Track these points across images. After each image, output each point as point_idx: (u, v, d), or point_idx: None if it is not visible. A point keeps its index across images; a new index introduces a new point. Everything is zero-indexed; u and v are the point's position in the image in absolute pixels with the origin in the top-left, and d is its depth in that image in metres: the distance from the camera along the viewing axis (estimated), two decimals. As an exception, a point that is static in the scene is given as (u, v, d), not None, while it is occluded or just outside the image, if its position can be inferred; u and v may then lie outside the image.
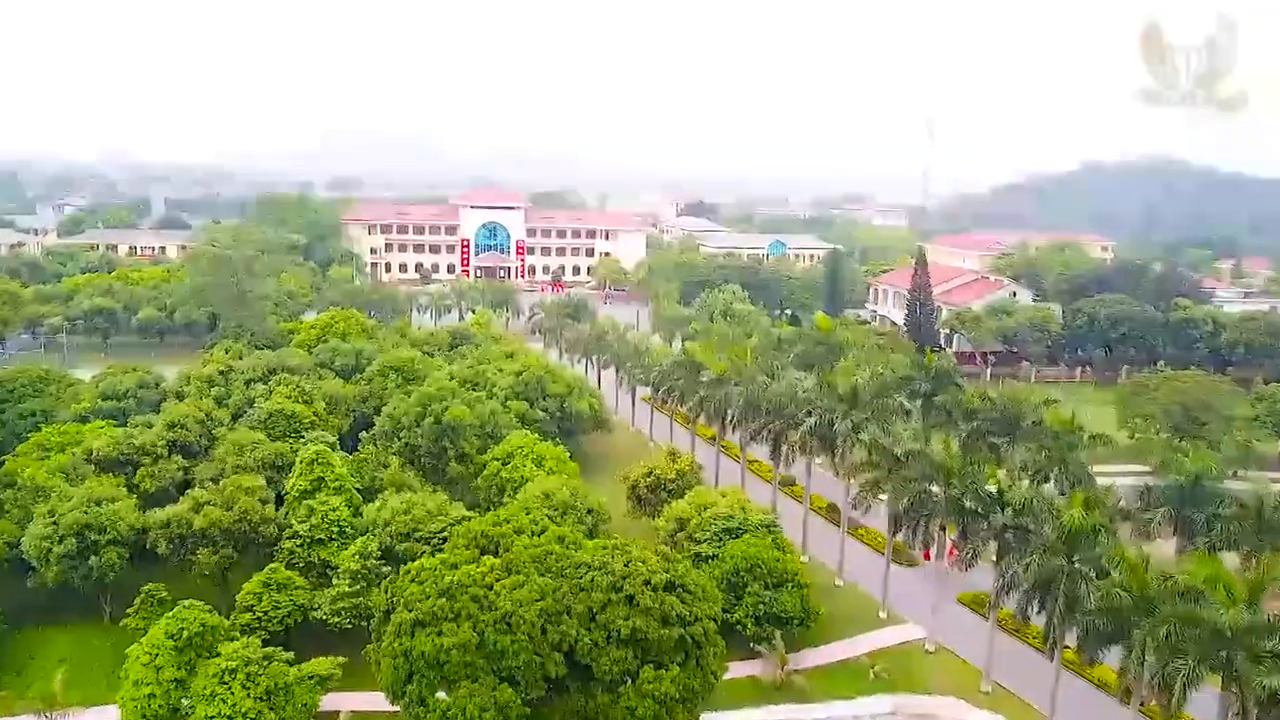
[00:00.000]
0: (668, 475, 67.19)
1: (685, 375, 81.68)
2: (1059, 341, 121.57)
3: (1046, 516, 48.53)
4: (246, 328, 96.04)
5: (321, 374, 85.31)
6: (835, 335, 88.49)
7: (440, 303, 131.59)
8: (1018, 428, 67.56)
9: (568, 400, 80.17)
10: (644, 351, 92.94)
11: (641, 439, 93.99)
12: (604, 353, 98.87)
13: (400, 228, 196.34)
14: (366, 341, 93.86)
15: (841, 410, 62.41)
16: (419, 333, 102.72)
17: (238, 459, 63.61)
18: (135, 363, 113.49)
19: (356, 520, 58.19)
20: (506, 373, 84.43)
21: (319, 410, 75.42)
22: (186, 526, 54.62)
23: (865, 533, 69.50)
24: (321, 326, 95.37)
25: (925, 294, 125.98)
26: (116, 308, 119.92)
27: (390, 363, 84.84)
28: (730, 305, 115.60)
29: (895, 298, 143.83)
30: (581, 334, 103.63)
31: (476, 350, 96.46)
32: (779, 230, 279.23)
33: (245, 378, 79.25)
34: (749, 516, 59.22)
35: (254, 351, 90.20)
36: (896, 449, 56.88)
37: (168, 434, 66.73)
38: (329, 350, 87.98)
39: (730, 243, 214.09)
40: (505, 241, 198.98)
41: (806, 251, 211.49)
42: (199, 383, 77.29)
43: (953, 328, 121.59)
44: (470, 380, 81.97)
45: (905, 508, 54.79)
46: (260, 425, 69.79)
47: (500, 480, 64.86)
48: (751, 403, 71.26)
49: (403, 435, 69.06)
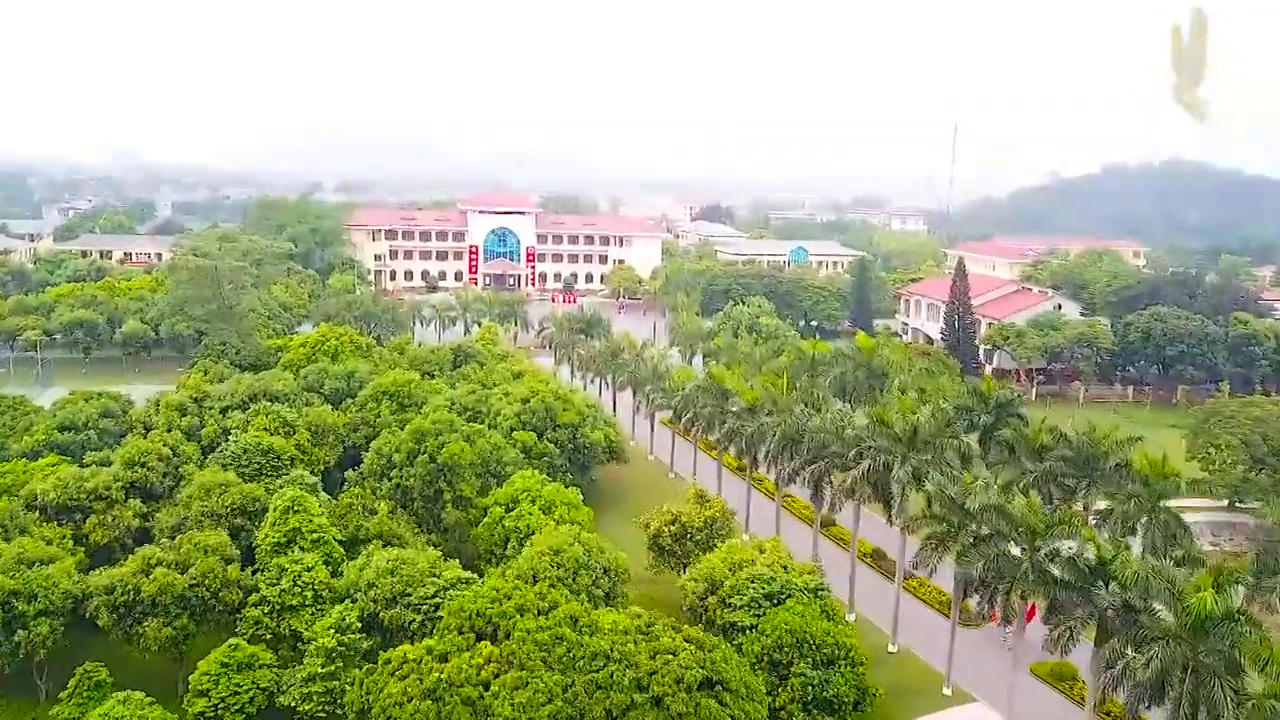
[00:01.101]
0: (695, 523, 58.76)
1: (711, 402, 73.38)
2: (1109, 359, 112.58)
3: (1164, 595, 39.91)
4: (231, 345, 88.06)
5: (309, 399, 77.27)
6: (877, 356, 79.90)
7: (445, 314, 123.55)
8: (1096, 469, 59.01)
9: (580, 430, 71.86)
10: (663, 374, 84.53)
11: (661, 469, 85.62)
12: (619, 372, 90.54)
13: (406, 233, 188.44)
14: (360, 361, 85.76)
15: (899, 453, 53.86)
16: (419, 350, 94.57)
17: (203, 504, 55.51)
18: (116, 380, 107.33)
19: (336, 581, 50.01)
20: (513, 398, 76.20)
21: (302, 443, 67.34)
22: (133, 593, 46.43)
23: (920, 585, 60.96)
24: (312, 345, 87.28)
25: (964, 307, 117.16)
26: (99, 320, 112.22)
27: (384, 387, 76.71)
28: (756, 319, 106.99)
29: (929, 309, 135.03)
30: (595, 351, 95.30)
31: (481, 370, 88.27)
32: (796, 235, 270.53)
33: (221, 405, 71.20)
34: (792, 578, 50.75)
35: (235, 373, 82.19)
36: (967, 502, 48.30)
37: (126, 474, 58.70)
38: (317, 372, 79.88)
39: (749, 249, 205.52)
40: (515, 248, 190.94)
41: (829, 259, 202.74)
42: (168, 411, 69.21)
43: (994, 344, 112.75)
44: (472, 408, 73.76)
45: (980, 574, 46.27)
46: (232, 463, 61.68)
47: (504, 530, 56.56)
48: (789, 437, 62.87)
49: (393, 475, 60.81)
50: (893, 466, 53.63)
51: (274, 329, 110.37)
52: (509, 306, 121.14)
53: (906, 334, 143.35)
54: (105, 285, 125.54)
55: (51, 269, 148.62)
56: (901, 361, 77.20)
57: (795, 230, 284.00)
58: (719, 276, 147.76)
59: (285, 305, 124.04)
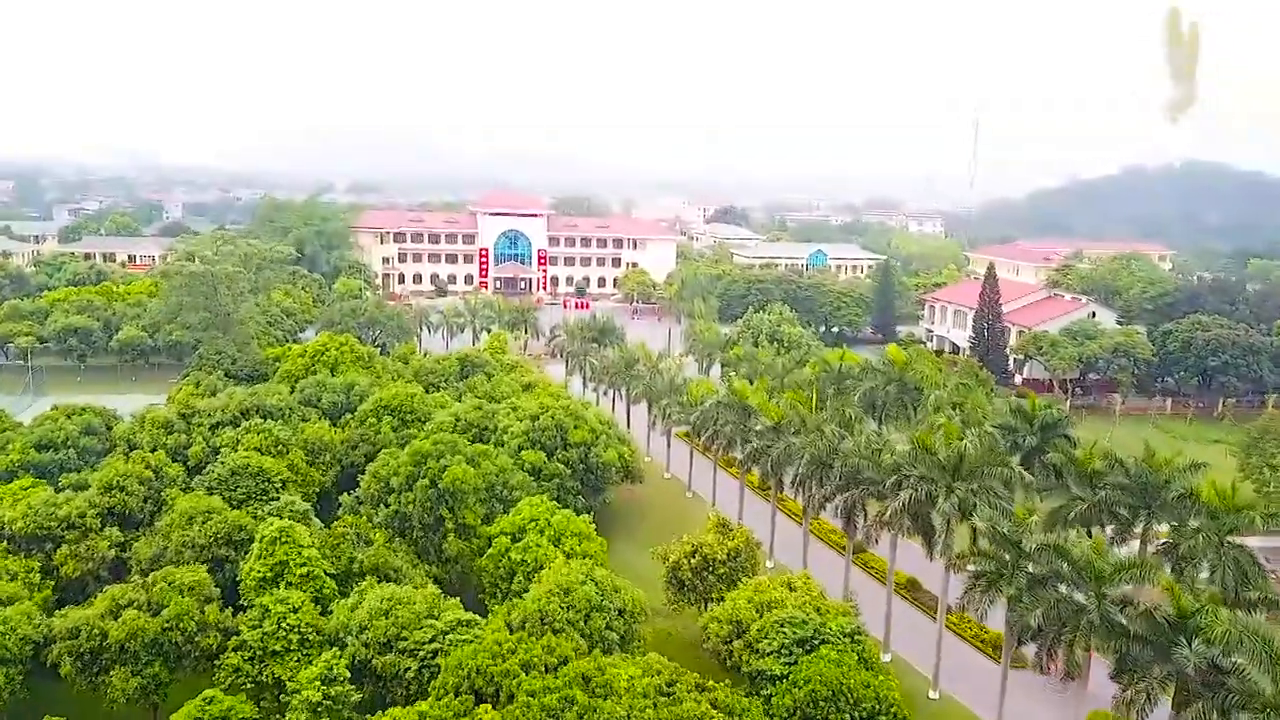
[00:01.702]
0: (717, 555, 54.05)
1: (732, 419, 68.66)
2: (1147, 369, 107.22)
3: (1259, 655, 35.03)
4: (226, 355, 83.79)
5: (305, 414, 72.90)
6: (910, 369, 74.91)
7: (453, 320, 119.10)
8: (1156, 498, 53.96)
9: (592, 449, 67.18)
10: (680, 387, 79.80)
11: (678, 487, 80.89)
12: (634, 385, 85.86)
13: (414, 236, 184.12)
14: (360, 373, 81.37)
15: (943, 483, 48.97)
16: (424, 360, 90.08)
17: (184, 534, 51.15)
18: (111, 389, 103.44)
19: (325, 622, 45.53)
20: (522, 413, 71.60)
21: (296, 463, 62.99)
22: (100, 638, 42.04)
23: (961, 620, 56.11)
24: (310, 355, 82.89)
25: (995, 314, 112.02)
26: (94, 327, 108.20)
27: (385, 401, 72.30)
28: (777, 327, 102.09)
29: (955, 316, 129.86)
30: (608, 362, 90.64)
31: (488, 383, 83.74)
32: (814, 238, 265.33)
33: (211, 421, 66.85)
34: (826, 620, 46.02)
35: (229, 386, 77.90)
36: (1022, 539, 43.43)
37: (102, 500, 54.40)
38: (315, 385, 75.48)
39: (766, 252, 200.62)
40: (526, 251, 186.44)
41: (848, 262, 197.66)
42: (153, 429, 64.90)
43: (1026, 353, 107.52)
44: (477, 424, 69.21)
45: (1039, 623, 41.42)
46: (219, 487, 57.32)
47: (509, 563, 51.98)
48: (819, 461, 58.07)
49: (391, 501, 56.29)
50: (936, 498, 48.77)
51: (275, 336, 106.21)
52: (519, 313, 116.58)
53: (931, 341, 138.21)
54: (103, 290, 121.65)
55: (51, 272, 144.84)
56: (935, 376, 72.22)
57: (812, 232, 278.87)
58: (736, 281, 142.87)
59: (288, 311, 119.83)
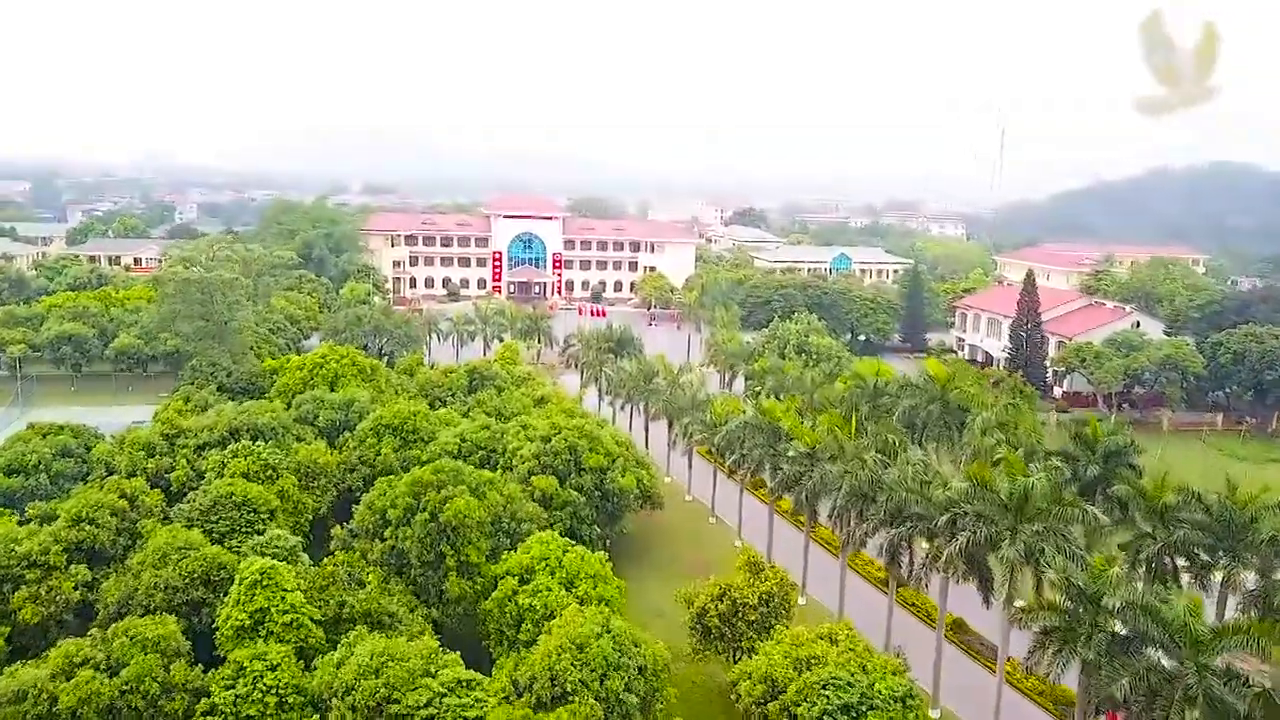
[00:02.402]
0: (748, 600, 48.60)
1: (761, 442, 63.21)
2: (1196, 382, 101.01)
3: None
4: (220, 367, 78.92)
5: (301, 432, 67.86)
6: (953, 387, 69.13)
7: (463, 328, 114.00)
8: (1240, 539, 48.20)
9: (609, 475, 61.79)
10: (703, 403, 74.32)
11: (701, 511, 75.44)
12: (653, 400, 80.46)
13: (426, 238, 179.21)
14: (361, 388, 76.29)
15: (1006, 525, 43.35)
16: (430, 373, 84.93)
17: (157, 574, 46.09)
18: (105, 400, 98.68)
19: (307, 679, 40.38)
20: (533, 431, 66.36)
21: (287, 490, 57.88)
22: (48, 704, 36.97)
23: (1017, 670, 50.39)
24: (309, 368, 77.86)
25: (1034, 323, 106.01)
26: (88, 334, 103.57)
27: (386, 420, 67.17)
28: (805, 337, 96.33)
29: (989, 324, 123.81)
30: (625, 375, 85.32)
31: (498, 397, 78.53)
32: (836, 241, 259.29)
33: (197, 442, 61.83)
34: (874, 679, 40.47)
35: (221, 401, 72.94)
36: (1104, 596, 37.79)
37: (70, 534, 49.40)
38: (312, 401, 70.42)
39: (788, 256, 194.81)
40: (541, 254, 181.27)
41: (873, 266, 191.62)
42: (133, 451, 59.96)
43: (1069, 365, 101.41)
44: (485, 446, 63.96)
45: (1126, 695, 35.80)
46: (199, 519, 52.28)
47: (517, 608, 46.67)
48: (860, 493, 52.62)
49: (387, 535, 51.06)
50: (998, 542, 43.15)
51: (276, 345, 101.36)
52: (532, 321, 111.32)
53: (962, 350, 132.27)
54: (101, 295, 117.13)
55: (52, 275, 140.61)
56: (981, 394, 66.53)
57: (833, 235, 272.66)
58: (759, 287, 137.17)
59: (292, 318, 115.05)
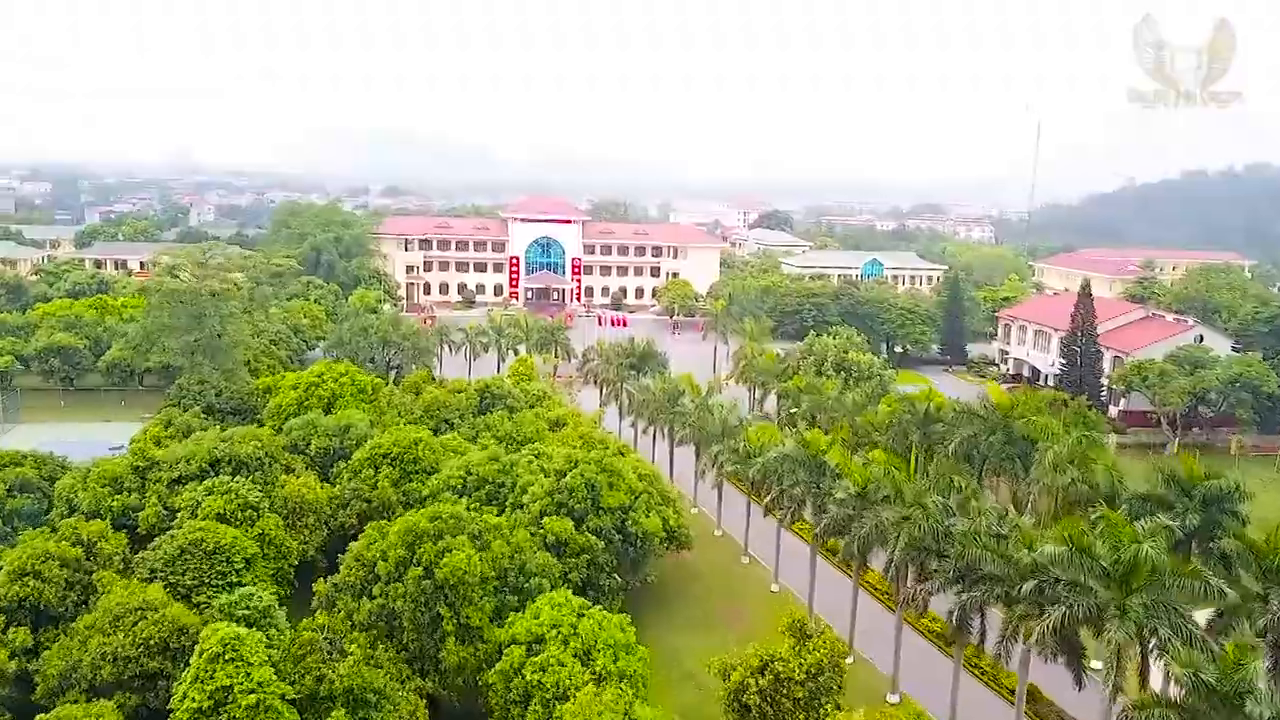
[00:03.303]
0: (794, 674, 41.44)
1: (803, 478, 56.03)
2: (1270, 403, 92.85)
3: None
4: (210, 385, 72.58)
5: (291, 462, 61.32)
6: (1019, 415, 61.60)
7: (476, 340, 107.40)
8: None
9: (631, 515, 54.79)
10: (735, 429, 67.13)
11: (733, 550, 68.19)
12: (679, 424, 73.36)
13: (441, 243, 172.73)
14: (360, 410, 69.74)
15: (1110, 599, 36.03)
16: (438, 391, 78.20)
17: (105, 642, 39.55)
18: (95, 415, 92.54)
19: (272, 781, 33.65)
20: (546, 458, 59.67)
21: (268, 531, 51.24)
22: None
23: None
24: (304, 387, 71.37)
25: (1089, 338, 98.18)
26: (80, 346, 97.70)
27: (385, 448, 60.55)
28: (844, 353, 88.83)
29: (1036, 337, 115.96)
30: (649, 394, 78.41)
31: (510, 421, 71.75)
32: (861, 245, 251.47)
33: (172, 475, 55.33)
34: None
35: (207, 425, 66.47)
36: (1247, 703, 30.49)
37: (12, 589, 42.96)
38: (303, 427, 63.84)
39: (816, 261, 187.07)
40: (560, 259, 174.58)
41: (905, 272, 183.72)
42: (98, 487, 53.53)
43: (1129, 384, 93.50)
44: (493, 480, 57.12)
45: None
46: (164, 570, 45.76)
47: (524, 684, 39.79)
48: (920, 545, 45.45)
49: (376, 592, 44.29)
50: (1101, 620, 35.85)
51: (278, 358, 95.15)
52: (548, 333, 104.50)
53: (1005, 364, 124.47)
54: (97, 302, 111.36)
55: (52, 281, 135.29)
56: (1051, 424, 59.05)
57: (861, 239, 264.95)
58: (788, 295, 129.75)
59: (295, 328, 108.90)
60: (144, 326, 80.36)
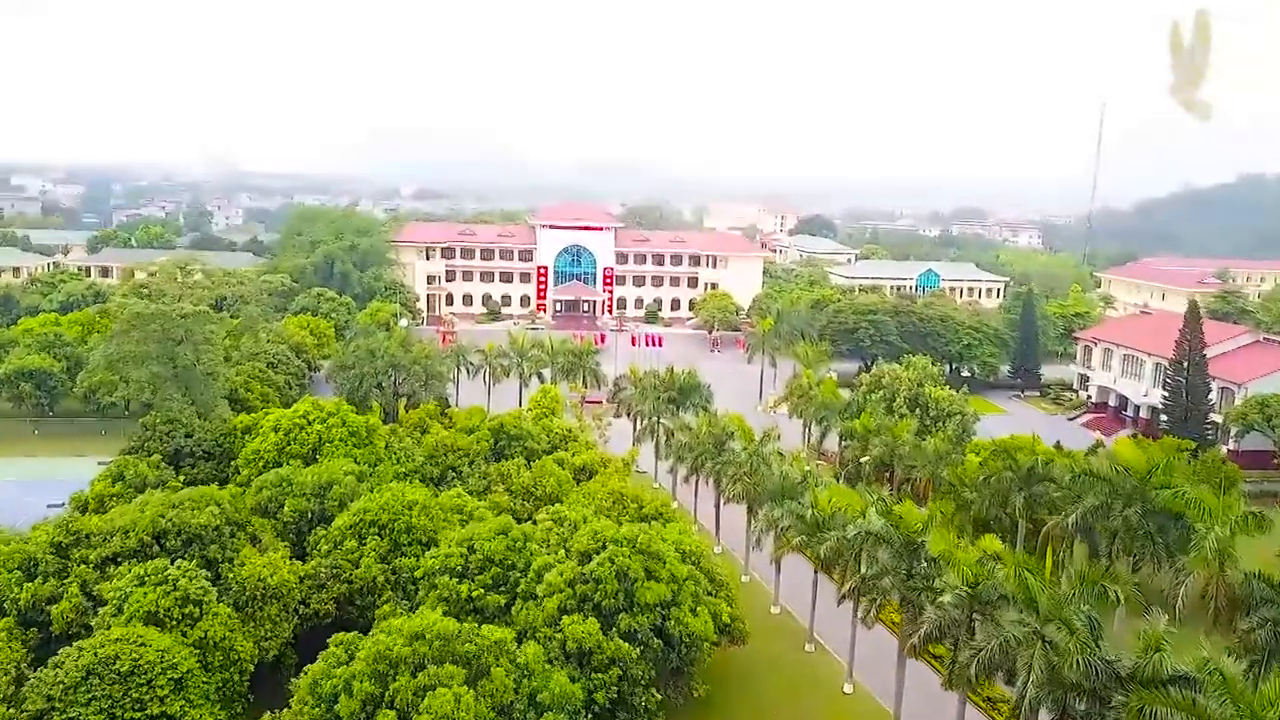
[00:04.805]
0: None
1: (892, 564, 44.32)
2: None
3: None
4: (179, 425, 62.08)
5: (258, 528, 50.44)
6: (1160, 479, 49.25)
7: (496, 362, 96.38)
8: None
9: (675, 610, 43.12)
10: (799, 486, 55.31)
11: (794, 633, 56.34)
12: (725, 475, 61.70)
13: (464, 251, 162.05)
14: (354, 454, 58.82)
15: None
16: (445, 434, 66.99)
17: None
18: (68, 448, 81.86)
19: None
20: (571, 529, 48.50)
21: (214, 633, 40.24)
22: None
23: None
24: (286, 429, 60.48)
25: (1198, 367, 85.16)
26: (57, 368, 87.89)
27: (372, 514, 49.45)
28: (918, 386, 76.26)
29: (1125, 362, 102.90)
30: (690, 437, 66.98)
31: (528, 472, 60.49)
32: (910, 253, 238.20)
33: (104, 553, 44.55)
34: None
35: (161, 480, 55.72)
36: None
37: None
38: (276, 485, 52.84)
39: (867, 272, 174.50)
40: (591, 268, 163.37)
41: (964, 284, 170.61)
42: (4, 571, 42.77)
43: (1248, 421, 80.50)
44: (501, 561, 45.75)
45: None
46: (64, 701, 34.82)
47: None
48: (1065, 682, 33.65)
49: (338, 741, 33.05)
50: None
51: (273, 385, 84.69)
52: (576, 357, 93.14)
53: (1087, 390, 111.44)
54: (85, 318, 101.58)
55: (46, 291, 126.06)
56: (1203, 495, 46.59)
57: (909, 246, 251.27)
58: (842, 311, 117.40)
59: (298, 348, 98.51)
60: (106, 355, 70.06)
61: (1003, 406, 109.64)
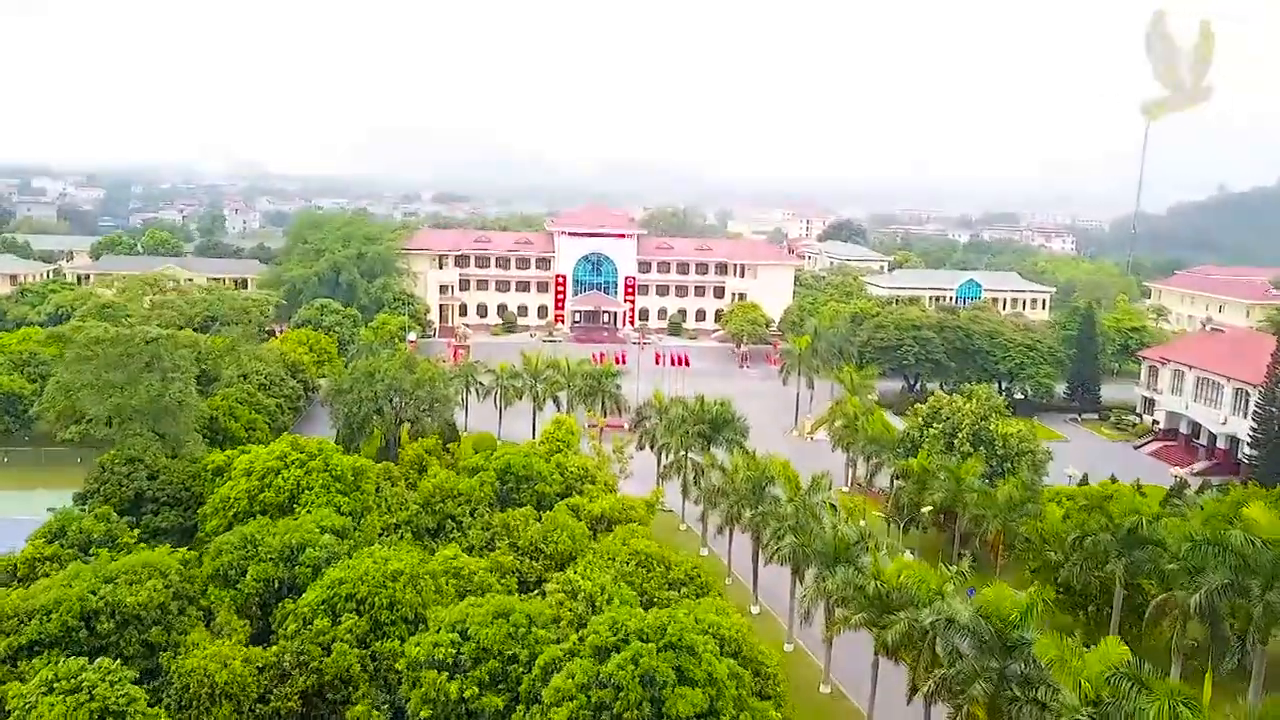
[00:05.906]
0: None
1: (979, 663, 35.78)
2: None
3: None
4: (140, 468, 54.28)
5: (214, 600, 42.52)
6: None
7: (508, 384, 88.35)
8: None
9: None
10: (857, 548, 46.73)
11: (846, 714, 47.85)
12: (767, 529, 53.18)
13: (479, 259, 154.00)
14: (332, 509, 50.75)
15: None
16: (444, 475, 58.78)
17: None
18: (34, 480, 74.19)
19: None
20: (587, 604, 40.41)
21: (139, 753, 32.14)
22: None
23: None
24: (260, 473, 52.51)
25: (1292, 396, 75.88)
26: (28, 390, 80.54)
27: (348, 585, 41.35)
28: (982, 420, 67.08)
29: (1199, 386, 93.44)
30: (724, 481, 58.63)
31: (536, 525, 52.23)
32: (943, 260, 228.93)
33: (17, 642, 36.67)
34: None
35: (111, 536, 47.83)
36: None
37: None
38: (237, 549, 44.76)
39: (905, 281, 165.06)
40: (612, 277, 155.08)
41: (1006, 295, 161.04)
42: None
43: (1354, 460, 71.16)
44: (498, 652, 37.50)
45: None
46: None
47: None
48: None
49: None
50: None
51: (264, 411, 77.02)
52: (594, 380, 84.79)
53: (1152, 414, 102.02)
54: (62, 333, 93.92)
55: (36, 302, 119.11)
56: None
57: (943, 254, 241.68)
58: (884, 326, 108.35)
59: (293, 367, 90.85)
60: (55, 385, 62.42)
61: (1060, 432, 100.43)
